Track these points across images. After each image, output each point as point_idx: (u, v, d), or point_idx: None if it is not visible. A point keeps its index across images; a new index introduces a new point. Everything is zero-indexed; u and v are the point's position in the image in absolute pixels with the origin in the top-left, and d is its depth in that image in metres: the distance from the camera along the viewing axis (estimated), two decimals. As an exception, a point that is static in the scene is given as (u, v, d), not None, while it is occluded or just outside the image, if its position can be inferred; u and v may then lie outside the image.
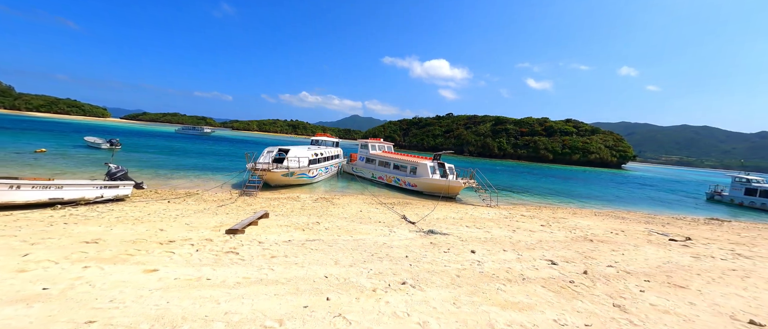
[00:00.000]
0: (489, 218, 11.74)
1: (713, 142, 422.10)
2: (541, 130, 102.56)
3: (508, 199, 19.92)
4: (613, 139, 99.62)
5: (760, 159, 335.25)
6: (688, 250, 8.00)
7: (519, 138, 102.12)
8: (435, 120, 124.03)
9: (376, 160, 23.04)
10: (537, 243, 7.92)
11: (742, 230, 13.28)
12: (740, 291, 5.20)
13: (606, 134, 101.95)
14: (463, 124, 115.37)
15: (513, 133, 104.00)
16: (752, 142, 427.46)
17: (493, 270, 5.33)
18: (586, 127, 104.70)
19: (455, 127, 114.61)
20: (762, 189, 25.88)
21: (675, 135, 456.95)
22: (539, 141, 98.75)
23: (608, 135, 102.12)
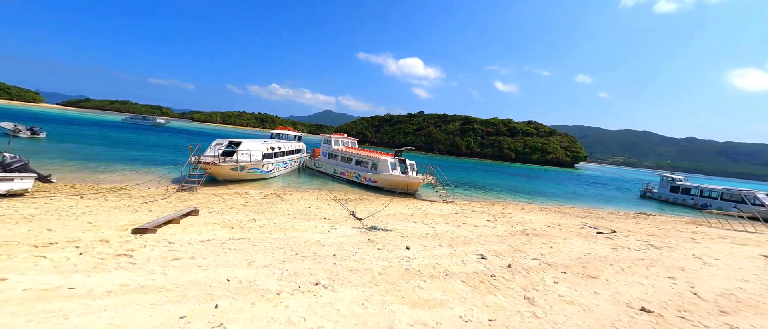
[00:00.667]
0: (440, 214, 11.89)
1: (650, 146, 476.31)
2: (505, 131, 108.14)
3: (467, 196, 20.52)
4: (567, 141, 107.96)
5: (687, 161, 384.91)
6: (610, 242, 8.66)
7: (485, 137, 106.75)
8: (406, 117, 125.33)
9: (339, 155, 22.54)
10: (476, 237, 8.08)
11: (661, 223, 14.86)
12: (643, 279, 5.63)
13: (562, 136, 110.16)
14: (433, 122, 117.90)
15: (480, 132, 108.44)
16: (681, 145, 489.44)
17: (420, 267, 5.24)
18: (545, 128, 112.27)
19: (426, 125, 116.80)
20: (684, 186, 29.45)
21: (620, 138, 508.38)
22: (503, 141, 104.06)
23: (564, 136, 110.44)
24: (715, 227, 14.64)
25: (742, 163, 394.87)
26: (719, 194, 26.22)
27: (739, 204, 24.35)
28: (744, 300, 5.01)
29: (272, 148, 18.67)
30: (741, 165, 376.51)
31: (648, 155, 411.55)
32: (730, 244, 9.89)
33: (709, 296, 5.05)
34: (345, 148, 23.14)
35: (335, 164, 22.55)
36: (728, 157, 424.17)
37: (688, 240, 9.83)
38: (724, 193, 25.98)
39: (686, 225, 14.40)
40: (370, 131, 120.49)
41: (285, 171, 21.05)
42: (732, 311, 4.52)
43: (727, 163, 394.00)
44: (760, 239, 11.59)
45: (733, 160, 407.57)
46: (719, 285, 5.62)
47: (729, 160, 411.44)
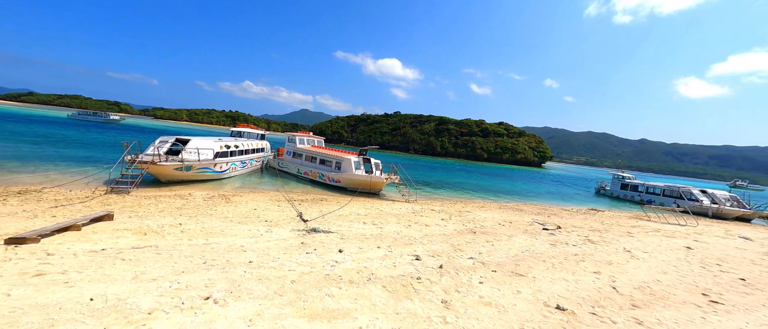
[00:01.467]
0: (395, 214, 11.67)
1: (609, 146, 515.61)
2: (478, 131, 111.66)
3: (432, 195, 20.59)
4: (535, 141, 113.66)
5: (641, 161, 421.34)
6: (552, 238, 8.88)
7: (459, 137, 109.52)
8: (383, 117, 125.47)
9: (303, 154, 21.78)
10: (422, 237, 7.91)
11: (607, 218, 15.78)
12: (570, 275, 5.69)
13: (530, 137, 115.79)
14: (409, 122, 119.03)
15: (454, 132, 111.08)
16: (635, 147, 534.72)
17: (344, 272, 4.88)
18: (515, 129, 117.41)
19: (402, 125, 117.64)
20: (632, 184, 31.82)
21: (583, 139, 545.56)
22: (476, 141, 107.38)
23: (532, 137, 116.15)
24: (653, 221, 15.78)
25: (685, 162, 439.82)
26: (662, 190, 28.59)
27: (678, 200, 26.71)
28: (657, 293, 5.19)
29: (227, 146, 17.53)
30: (684, 164, 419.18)
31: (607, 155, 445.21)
32: (661, 237, 10.59)
33: (627, 290, 5.18)
34: (310, 147, 22.39)
35: (299, 164, 21.78)
36: (674, 157, 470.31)
37: (625, 235, 10.39)
38: (665, 190, 28.35)
39: (628, 220, 15.38)
40: (346, 131, 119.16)
41: (244, 171, 19.93)
42: (643, 304, 4.63)
43: (673, 162, 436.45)
44: (688, 231, 12.59)
45: (678, 160, 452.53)
46: (639, 278, 5.82)
47: (675, 159, 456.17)
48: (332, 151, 21.62)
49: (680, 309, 4.59)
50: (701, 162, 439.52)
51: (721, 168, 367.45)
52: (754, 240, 11.61)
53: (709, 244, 9.91)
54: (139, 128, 67.06)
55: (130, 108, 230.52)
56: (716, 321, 4.28)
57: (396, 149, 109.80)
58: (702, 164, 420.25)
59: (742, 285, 6.04)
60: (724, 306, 4.84)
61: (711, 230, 13.59)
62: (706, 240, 10.48)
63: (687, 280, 5.98)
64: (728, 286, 5.88)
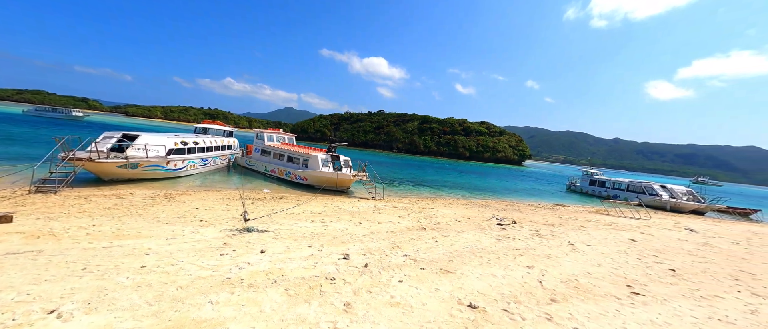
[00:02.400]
0: (353, 211, 11.30)
1: (586, 145, 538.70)
2: (461, 130, 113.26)
3: (403, 192, 20.38)
4: (515, 140, 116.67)
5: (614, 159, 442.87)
6: (503, 233, 8.79)
7: (442, 136, 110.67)
8: (366, 116, 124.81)
9: (271, 151, 21.01)
10: (366, 235, 7.58)
11: (569, 213, 16.11)
12: (500, 270, 5.52)
13: (510, 135, 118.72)
14: (393, 121, 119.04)
15: (437, 131, 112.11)
16: (609, 145, 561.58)
17: (250, 274, 4.45)
18: (496, 128, 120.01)
19: (386, 123, 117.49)
20: (600, 180, 33.03)
21: (562, 138, 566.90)
22: (458, 139, 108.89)
23: (512, 136, 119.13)
24: (611, 215, 16.27)
25: (654, 160, 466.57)
26: (626, 186, 29.81)
27: (640, 195, 27.93)
28: (582, 286, 5.09)
29: (184, 142, 16.53)
30: (654, 162, 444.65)
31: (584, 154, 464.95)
32: (611, 230, 10.81)
33: (552, 284, 5.05)
34: (278, 145, 21.62)
35: (267, 161, 21.00)
36: (644, 155, 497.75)
37: (576, 229, 10.51)
38: (630, 186, 29.58)
39: (588, 215, 15.76)
40: (328, 129, 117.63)
41: (206, 169, 18.95)
42: (562, 298, 4.49)
43: (643, 160, 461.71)
44: (639, 224, 12.99)
45: (648, 158, 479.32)
46: (570, 272, 5.74)
47: (645, 157, 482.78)
48: (300, 147, 20.98)
49: (598, 302, 4.48)
50: (668, 160, 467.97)
51: (686, 166, 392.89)
52: (698, 232, 12.11)
53: (654, 236, 10.19)
54: (102, 125, 63.07)
55: (99, 104, 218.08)
56: (629, 313, 4.18)
57: (379, 148, 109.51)
58: (669, 162, 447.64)
59: (671, 275, 6.10)
60: (644, 298, 4.79)
61: (662, 223, 14.11)
62: (652, 233, 10.78)
63: (618, 272, 5.97)
64: (656, 277, 5.90)
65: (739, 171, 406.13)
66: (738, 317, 4.37)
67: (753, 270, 7.12)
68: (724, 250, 8.89)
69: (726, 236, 11.70)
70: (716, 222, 17.12)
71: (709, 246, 9.49)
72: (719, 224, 15.70)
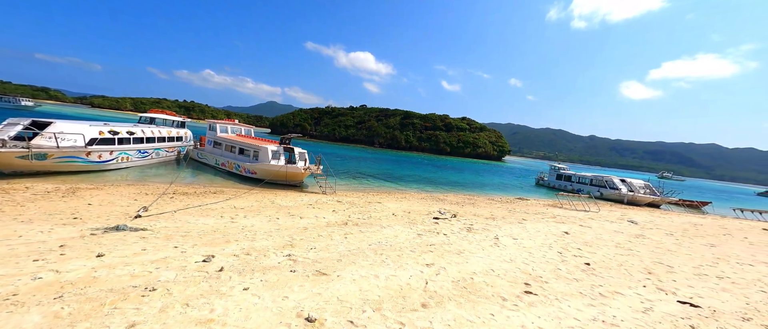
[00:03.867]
0: (285, 205, 10.44)
1: (564, 142, 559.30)
2: (442, 126, 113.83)
3: (363, 187, 19.63)
4: (495, 136, 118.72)
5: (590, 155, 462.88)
6: (430, 228, 8.24)
7: (423, 132, 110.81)
8: (348, 110, 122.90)
9: (223, 143, 19.67)
10: (270, 231, 6.77)
11: (523, 206, 15.95)
12: (387, 271, 4.87)
13: (490, 132, 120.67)
14: (375, 116, 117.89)
15: (418, 127, 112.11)
16: (586, 142, 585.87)
17: (36, 287, 3.53)
18: (477, 124, 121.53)
19: (368, 118, 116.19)
20: (566, 174, 33.69)
21: (542, 136, 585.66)
22: (440, 135, 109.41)
23: (492, 132, 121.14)
24: (565, 208, 16.30)
25: (626, 156, 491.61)
26: (590, 180, 30.49)
27: (602, 188, 28.65)
28: (473, 286, 4.53)
29: (114, 132, 14.98)
30: (626, 158, 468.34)
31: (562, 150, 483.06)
32: (552, 223, 10.55)
33: (439, 285, 4.45)
34: (230, 136, 20.27)
35: (219, 154, 19.67)
36: (617, 152, 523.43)
37: (516, 222, 10.16)
38: (593, 180, 30.26)
39: (541, 208, 15.66)
40: (309, 123, 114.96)
41: (145, 161, 17.41)
42: (436, 303, 3.88)
43: (617, 156, 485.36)
44: (584, 217, 12.91)
45: (621, 154, 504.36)
46: (471, 270, 5.19)
47: (618, 154, 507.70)
48: (253, 139, 19.75)
49: (478, 305, 3.91)
50: (638, 156, 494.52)
51: (654, 162, 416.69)
52: (638, 224, 12.15)
53: (591, 229, 10.00)
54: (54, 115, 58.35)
55: (62, 95, 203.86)
56: (504, 318, 3.63)
57: (361, 143, 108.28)
58: (639, 158, 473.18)
59: (582, 270, 5.70)
60: (535, 298, 4.28)
61: (608, 215, 14.16)
62: (591, 225, 10.62)
63: (526, 269, 5.49)
64: (566, 272, 5.48)
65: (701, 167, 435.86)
66: (627, 317, 3.93)
67: (673, 262, 6.92)
68: (653, 242, 8.76)
69: (664, 227, 11.78)
70: (665, 214, 17.54)
71: (643, 237, 9.38)
72: (665, 216, 16.04)
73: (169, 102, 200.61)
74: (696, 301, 4.75)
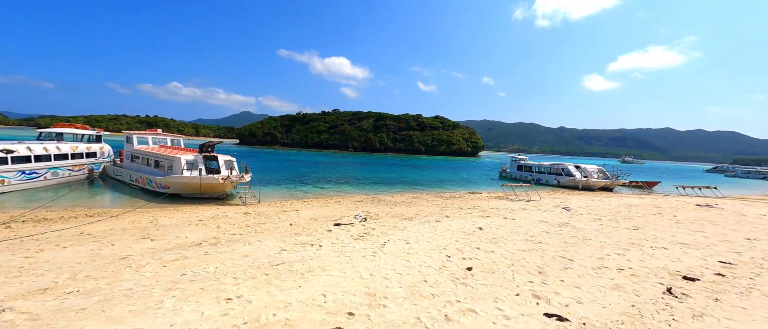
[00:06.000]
0: (163, 226, 8.70)
1: (536, 135, 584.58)
2: (416, 125, 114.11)
3: (300, 194, 17.89)
4: (468, 133, 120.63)
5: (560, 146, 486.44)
6: (315, 238, 6.90)
7: (397, 132, 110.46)
8: (320, 116, 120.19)
9: (141, 156, 17.37)
10: (54, 270, 5.14)
11: (465, 201, 15.02)
12: (153, 321, 3.44)
13: (464, 129, 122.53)
14: (348, 120, 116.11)
15: (392, 128, 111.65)
16: (556, 134, 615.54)
17: None
18: (450, 122, 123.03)
19: (340, 123, 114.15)
20: (526, 165, 33.80)
21: (516, 130, 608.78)
22: (414, 135, 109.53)
23: (465, 129, 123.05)
24: (511, 199, 15.62)
25: (593, 144, 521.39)
26: (548, 169, 30.63)
27: (558, 176, 28.82)
28: (267, 324, 3.21)
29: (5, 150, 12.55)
30: (593, 146, 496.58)
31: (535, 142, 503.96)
32: (474, 217, 9.56)
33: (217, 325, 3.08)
34: (146, 148, 17.97)
35: (136, 169, 17.36)
36: (585, 141, 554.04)
37: (433, 221, 9.06)
38: (551, 168, 30.41)
39: (485, 201, 14.82)
40: (279, 131, 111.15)
41: (36, 184, 14.85)
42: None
43: (584, 145, 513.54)
44: (515, 208, 12.10)
45: (588, 143, 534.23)
46: (292, 299, 3.85)
47: (585, 143, 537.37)
48: (171, 149, 17.60)
49: None
50: (604, 143, 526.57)
51: (618, 148, 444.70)
52: (571, 210, 11.53)
53: (513, 221, 9.10)
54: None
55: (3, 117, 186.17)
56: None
57: (334, 148, 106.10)
58: (604, 145, 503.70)
59: (454, 279, 4.56)
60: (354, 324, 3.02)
61: (544, 204, 13.52)
62: (514, 217, 9.75)
63: (375, 286, 4.26)
64: (430, 284, 4.32)
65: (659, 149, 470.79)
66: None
67: (578, 254, 6.02)
68: (573, 231, 7.96)
69: (597, 212, 11.22)
70: (605, 198, 17.34)
71: (565, 226, 8.58)
72: (606, 200, 15.75)
73: (129, 118, 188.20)
74: (572, 309, 3.72)
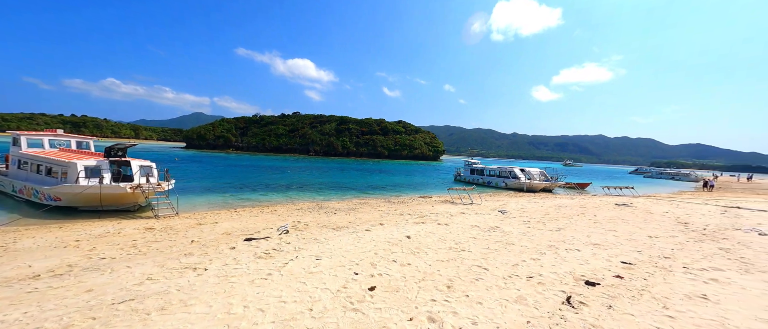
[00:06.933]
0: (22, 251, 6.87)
1: (493, 140, 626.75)
2: (379, 130, 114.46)
3: (223, 203, 15.88)
4: (429, 137, 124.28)
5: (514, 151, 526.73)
6: (205, 259, 5.81)
7: (360, 136, 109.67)
8: (279, 118, 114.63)
9: (30, 162, 14.26)
10: None
11: (418, 204, 14.75)
12: None
13: (425, 133, 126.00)
14: (309, 123, 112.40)
15: (355, 132, 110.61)
16: (510, 139, 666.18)
17: None
18: (412, 127, 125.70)
19: (301, 126, 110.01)
20: (478, 168, 35.21)
21: (474, 135, 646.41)
22: (377, 139, 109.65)
23: (427, 134, 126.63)
24: (456, 202, 15.72)
25: (541, 149, 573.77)
26: (497, 172, 32.16)
27: (506, 179, 30.37)
28: None
29: None
30: (541, 151, 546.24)
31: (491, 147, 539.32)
32: (405, 226, 9.14)
33: None
34: (40, 152, 14.86)
35: (24, 177, 14.21)
36: (535, 146, 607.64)
37: (362, 230, 8.43)
38: (499, 171, 31.96)
39: (429, 205, 14.65)
40: (233, 134, 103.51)
41: None
42: None
43: (534, 150, 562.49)
44: (455, 212, 12.10)
45: (537, 148, 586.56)
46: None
47: (535, 148, 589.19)
48: (69, 153, 14.76)
49: None
50: (550, 148, 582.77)
51: (562, 153, 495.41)
52: (507, 213, 11.79)
53: (446, 227, 8.85)
54: None
55: None
56: None
57: (295, 152, 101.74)
58: (550, 150, 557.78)
59: (346, 303, 3.91)
60: None
61: (483, 207, 13.76)
62: (448, 222, 9.56)
63: (280, 311, 3.44)
64: (320, 309, 3.60)
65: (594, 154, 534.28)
66: None
67: (495, 261, 5.79)
68: (499, 236, 7.88)
69: (529, 214, 11.58)
70: (541, 199, 18.41)
71: (494, 230, 8.54)
72: (541, 201, 16.64)
73: (48, 117, 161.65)
74: (464, 334, 3.26)
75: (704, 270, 5.49)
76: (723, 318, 3.72)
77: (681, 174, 61.71)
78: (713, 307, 4.01)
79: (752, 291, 4.54)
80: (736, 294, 4.44)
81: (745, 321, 3.65)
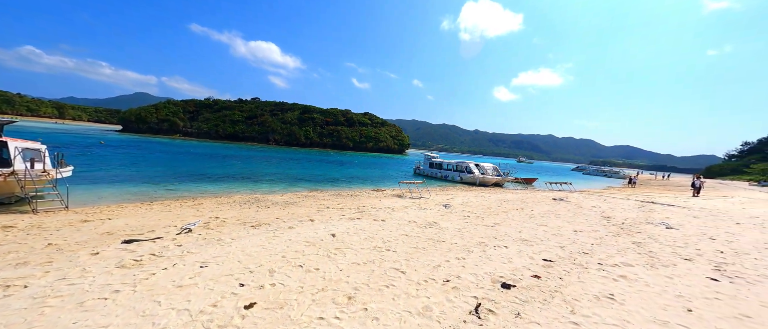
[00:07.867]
0: None
1: (457, 136, 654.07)
2: (344, 121, 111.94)
3: (132, 197, 13.73)
4: (395, 131, 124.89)
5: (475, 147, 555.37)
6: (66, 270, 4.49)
7: (325, 127, 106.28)
8: (236, 104, 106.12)
9: None
10: None
11: (367, 198, 14.09)
12: None
13: (391, 126, 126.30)
14: (269, 110, 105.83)
15: (319, 122, 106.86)
16: (472, 136, 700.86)
17: None
18: (378, 119, 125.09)
19: (261, 113, 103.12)
20: (436, 162, 35.70)
21: (440, 130, 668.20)
22: (342, 130, 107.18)
23: (393, 127, 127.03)
24: (406, 196, 15.41)
25: (500, 146, 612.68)
26: (454, 167, 32.85)
27: (462, 173, 31.17)
28: None
29: None
30: (499, 148, 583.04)
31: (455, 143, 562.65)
32: (339, 222, 8.41)
33: None
34: None
35: None
36: (494, 143, 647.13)
37: (285, 228, 7.50)
38: (456, 166, 32.67)
39: (377, 199, 14.10)
40: (181, 118, 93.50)
41: None
42: None
43: (494, 146, 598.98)
44: (398, 207, 11.71)
45: (496, 145, 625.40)
46: None
47: (494, 145, 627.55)
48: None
49: None
50: (507, 145, 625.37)
51: (517, 150, 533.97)
52: (451, 207, 11.67)
53: (379, 223, 8.28)
54: None
55: None
56: None
57: (253, 140, 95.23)
58: (508, 147, 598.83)
59: (208, 326, 3.04)
60: None
61: (430, 201, 13.59)
62: (384, 218, 9.04)
63: None
64: None
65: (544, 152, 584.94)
66: None
67: (418, 262, 5.28)
68: (432, 233, 7.49)
69: (471, 209, 11.56)
70: (486, 194, 18.96)
71: (432, 226, 8.17)
72: (486, 196, 17.05)
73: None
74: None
75: (616, 265, 5.55)
76: (625, 322, 3.57)
77: (612, 172, 69.74)
78: (618, 309, 3.87)
79: (654, 288, 4.57)
80: (640, 292, 4.42)
81: (644, 324, 3.53)
